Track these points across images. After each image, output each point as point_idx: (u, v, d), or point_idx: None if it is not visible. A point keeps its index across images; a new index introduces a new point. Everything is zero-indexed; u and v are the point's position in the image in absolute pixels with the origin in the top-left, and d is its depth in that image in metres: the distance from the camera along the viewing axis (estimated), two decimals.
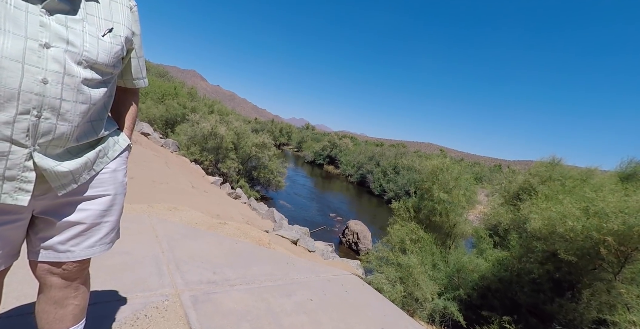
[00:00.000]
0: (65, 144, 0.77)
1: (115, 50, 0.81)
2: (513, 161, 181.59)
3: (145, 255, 2.14)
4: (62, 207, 0.83)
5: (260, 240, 3.70)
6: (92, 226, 0.88)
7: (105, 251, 0.93)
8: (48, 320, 0.92)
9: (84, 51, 0.73)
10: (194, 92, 23.63)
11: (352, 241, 11.21)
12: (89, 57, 0.74)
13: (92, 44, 0.75)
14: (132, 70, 0.97)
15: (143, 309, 1.59)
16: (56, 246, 0.84)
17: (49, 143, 0.73)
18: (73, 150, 0.82)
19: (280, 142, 51.71)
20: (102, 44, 0.77)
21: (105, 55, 0.78)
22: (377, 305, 2.53)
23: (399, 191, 20.84)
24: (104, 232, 0.91)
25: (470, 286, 4.52)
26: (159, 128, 16.97)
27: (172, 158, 10.67)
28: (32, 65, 0.66)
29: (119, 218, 0.98)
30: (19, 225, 0.79)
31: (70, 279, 0.92)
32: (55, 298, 0.91)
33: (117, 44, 0.81)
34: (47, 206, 0.82)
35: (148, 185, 5.07)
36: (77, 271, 0.92)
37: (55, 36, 0.69)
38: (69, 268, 0.89)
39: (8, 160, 0.68)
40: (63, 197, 0.82)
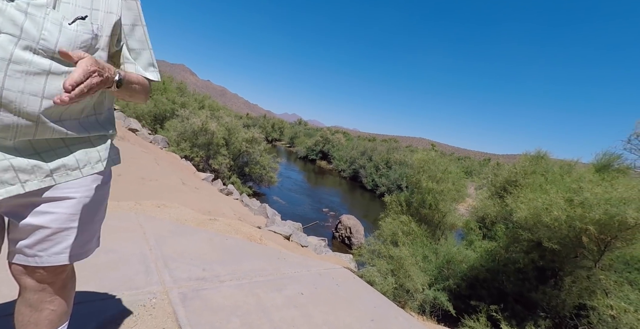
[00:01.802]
0: (17, 137, 0.71)
1: (82, 38, 0.74)
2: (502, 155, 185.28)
3: (132, 253, 2.11)
4: (23, 208, 0.78)
5: (252, 235, 3.70)
6: (59, 231, 0.82)
7: (78, 259, 0.88)
8: (23, 323, 0.89)
9: (40, 39, 0.69)
10: (183, 87, 23.19)
11: (345, 236, 11.30)
12: (47, 45, 0.70)
13: (52, 32, 0.70)
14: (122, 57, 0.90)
15: (130, 308, 1.58)
16: (24, 249, 0.80)
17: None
18: (38, 144, 0.77)
19: (273, 138, 51.42)
20: (65, 32, 0.72)
21: (67, 45, 0.72)
22: (367, 297, 2.57)
23: (391, 185, 21.04)
24: (75, 238, 0.85)
25: (460, 276, 4.63)
26: (148, 124, 16.64)
27: (162, 154, 10.51)
28: None
29: (97, 224, 0.92)
30: None
31: (45, 283, 0.87)
32: (30, 301, 0.87)
33: (85, 32, 0.75)
34: (10, 206, 0.77)
35: (136, 182, 4.99)
36: (51, 277, 0.87)
37: (9, 22, 0.65)
38: (40, 273, 0.85)
39: None
40: (24, 198, 0.76)
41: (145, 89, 0.92)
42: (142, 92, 0.91)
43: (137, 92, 0.89)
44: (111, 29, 0.80)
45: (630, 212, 2.77)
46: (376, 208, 17.62)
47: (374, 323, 2.14)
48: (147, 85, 0.92)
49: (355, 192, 22.92)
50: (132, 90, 0.85)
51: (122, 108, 16.00)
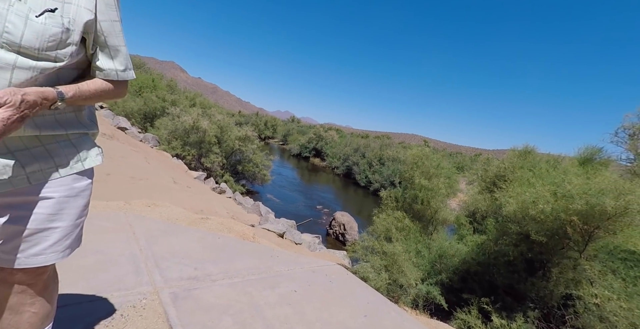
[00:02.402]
0: None
1: (50, 32, 0.71)
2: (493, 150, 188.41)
3: (121, 253, 2.08)
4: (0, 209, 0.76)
5: (244, 234, 3.68)
6: (37, 232, 0.80)
7: (58, 259, 0.86)
8: (2, 326, 0.87)
9: (4, 32, 0.66)
10: (173, 85, 22.82)
11: (339, 233, 11.36)
12: (11, 39, 0.67)
13: (17, 25, 0.67)
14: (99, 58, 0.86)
15: (119, 309, 1.55)
16: (1, 251, 0.78)
17: None
18: (12, 142, 0.74)
19: (266, 135, 51.12)
20: (31, 25, 0.68)
21: (34, 38, 0.69)
22: (360, 293, 2.59)
23: (384, 182, 21.18)
24: (55, 239, 0.83)
25: (452, 270, 4.71)
26: (137, 123, 16.35)
27: (152, 153, 10.34)
28: None
29: (76, 224, 0.89)
30: None
31: (23, 285, 0.85)
32: (9, 304, 0.85)
33: (54, 26, 0.71)
34: None
35: (126, 181, 4.90)
36: (31, 278, 0.85)
37: None
38: (18, 275, 0.83)
39: None
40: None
41: (109, 94, 0.88)
42: (107, 97, 0.88)
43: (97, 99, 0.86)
44: (84, 24, 0.76)
45: (608, 201, 2.87)
46: (370, 205, 17.73)
47: (367, 319, 2.15)
48: (110, 89, 0.88)
49: (348, 189, 23.02)
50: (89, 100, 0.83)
51: (110, 106, 15.68)
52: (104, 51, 0.84)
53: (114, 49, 0.85)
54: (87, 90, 0.81)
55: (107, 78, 0.87)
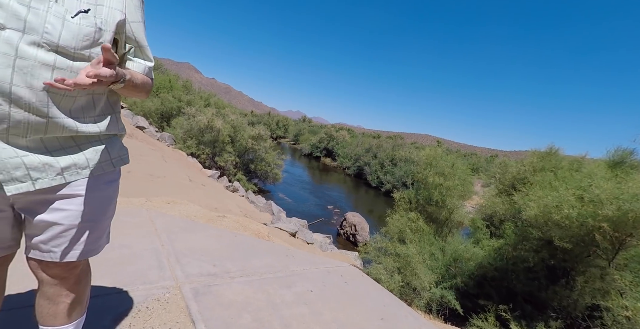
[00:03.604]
0: (29, 134, 0.72)
1: (85, 32, 0.74)
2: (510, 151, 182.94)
3: (144, 248, 2.14)
4: (37, 205, 0.80)
5: (259, 232, 3.72)
6: (71, 228, 0.83)
7: (90, 255, 0.89)
8: (42, 315, 0.92)
9: (44, 33, 0.68)
10: (189, 85, 23.28)
11: (350, 233, 11.31)
12: (50, 39, 0.69)
13: (55, 25, 0.69)
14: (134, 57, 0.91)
15: (144, 302, 1.60)
16: (39, 245, 0.82)
17: (7, 132, 0.68)
18: (49, 141, 0.77)
19: (277, 135, 51.50)
20: (68, 25, 0.71)
21: (70, 38, 0.71)
22: (376, 295, 2.57)
23: (396, 183, 20.96)
24: (87, 235, 0.87)
25: (467, 275, 4.61)
26: (155, 122, 16.77)
27: (169, 151, 10.59)
28: None
29: (107, 221, 0.93)
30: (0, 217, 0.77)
31: (59, 278, 0.89)
32: (47, 294, 0.90)
33: (88, 26, 0.74)
34: (25, 203, 0.79)
35: (145, 179, 5.04)
36: (65, 271, 0.89)
37: (13, 16, 0.65)
38: (54, 268, 0.87)
39: None
40: (37, 195, 0.78)
41: (147, 87, 0.93)
42: (145, 91, 0.92)
43: (139, 91, 0.89)
44: (116, 25, 0.80)
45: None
46: (381, 206, 17.59)
47: (383, 322, 2.14)
48: (149, 83, 0.94)
49: (359, 189, 22.91)
50: (134, 89, 0.86)
51: (129, 106, 16.15)
52: (137, 50, 0.89)
53: (144, 48, 0.90)
54: (137, 76, 0.86)
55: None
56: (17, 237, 0.86)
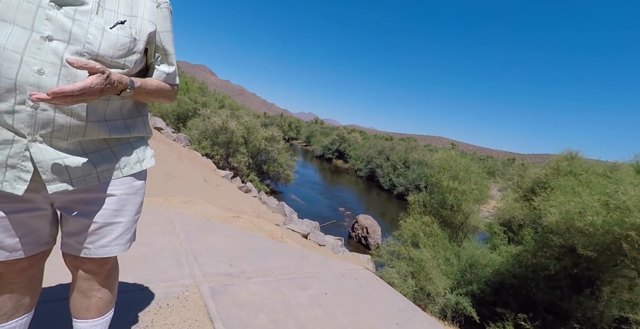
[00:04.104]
0: (70, 137, 0.77)
1: (121, 42, 0.79)
2: (528, 155, 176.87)
3: (164, 247, 2.20)
4: (74, 204, 0.85)
5: (273, 233, 3.75)
6: (104, 226, 0.88)
7: (120, 252, 0.93)
8: (76, 308, 0.98)
9: (85, 43, 0.73)
10: (204, 87, 23.80)
11: (362, 236, 11.23)
12: (91, 48, 0.74)
13: (95, 36, 0.74)
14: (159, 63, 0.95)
15: (165, 299, 1.64)
16: (75, 242, 0.88)
17: (52, 135, 0.73)
18: (86, 144, 0.82)
19: (289, 136, 51.84)
20: (107, 36, 0.76)
21: (109, 47, 0.76)
22: (391, 300, 2.54)
23: (409, 185, 20.68)
24: (118, 233, 0.91)
25: (484, 281, 4.49)
26: (171, 123, 17.21)
27: (185, 152, 10.84)
28: (30, 57, 0.67)
29: (135, 220, 0.97)
30: (39, 214, 0.82)
31: (92, 273, 0.95)
32: (81, 288, 0.96)
33: (124, 36, 0.79)
34: (63, 201, 0.84)
35: (163, 178, 5.17)
36: (98, 267, 0.94)
37: (59, 29, 0.70)
38: (87, 263, 0.93)
39: (11, 148, 0.71)
40: (74, 194, 0.83)
41: (165, 93, 0.95)
42: (163, 96, 0.95)
43: (156, 97, 0.92)
44: (147, 35, 0.85)
45: None
46: (393, 209, 17.39)
47: (399, 327, 2.11)
48: (167, 89, 0.96)
49: (371, 192, 22.73)
50: (149, 95, 0.89)
51: (148, 108, 16.63)
52: (162, 58, 0.94)
53: (170, 56, 0.95)
54: (150, 84, 0.89)
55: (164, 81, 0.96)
56: (54, 234, 0.91)
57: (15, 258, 0.83)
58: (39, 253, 0.89)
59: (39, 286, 0.98)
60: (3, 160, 0.71)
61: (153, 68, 0.93)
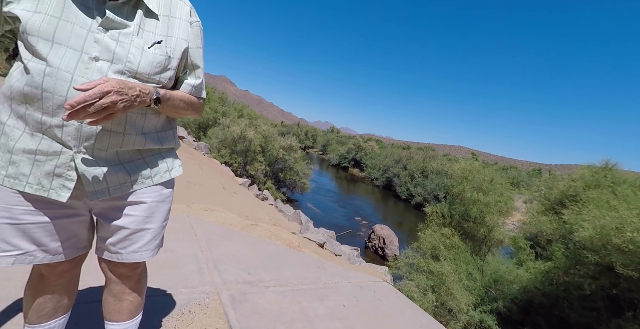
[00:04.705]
0: (109, 148, 0.82)
1: (158, 60, 0.84)
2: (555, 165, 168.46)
3: (186, 253, 2.24)
4: (109, 211, 0.90)
5: (291, 242, 3.74)
6: (136, 232, 0.92)
7: (149, 257, 0.97)
8: (109, 310, 1.02)
9: (126, 62, 0.79)
10: (224, 97, 24.60)
11: (378, 246, 10.99)
12: (131, 67, 0.80)
13: (135, 55, 0.80)
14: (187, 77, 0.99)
15: (187, 305, 1.66)
16: (109, 247, 0.93)
17: (93, 146, 0.79)
18: (122, 154, 0.87)
19: (306, 145, 52.27)
20: (145, 55, 0.82)
21: (147, 65, 0.82)
22: (412, 315, 2.45)
23: (427, 196, 20.18)
24: (148, 239, 0.95)
25: (510, 298, 4.24)
26: (192, 132, 17.83)
27: (205, 160, 11.14)
28: (79, 75, 0.74)
29: (163, 227, 1.00)
30: (78, 220, 0.88)
31: (124, 277, 0.99)
32: (114, 291, 1.00)
33: (160, 54, 0.85)
34: (100, 208, 0.90)
35: (184, 185, 5.32)
36: (130, 271, 0.99)
37: (105, 50, 0.77)
38: (120, 268, 0.97)
39: (59, 159, 0.77)
40: (110, 201, 0.88)
41: (192, 106, 0.98)
42: (188, 109, 0.98)
43: (182, 109, 0.95)
44: (182, 52, 0.90)
45: None
46: (411, 219, 16.96)
47: None
48: (194, 102, 0.99)
49: (388, 201, 22.33)
50: (175, 107, 0.92)
51: None
52: (190, 71, 0.99)
53: (197, 69, 0.99)
54: (176, 94, 0.93)
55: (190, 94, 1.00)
56: (90, 239, 0.97)
57: (58, 260, 0.88)
58: (77, 257, 0.95)
59: (76, 288, 1.03)
60: (51, 170, 0.77)
61: (181, 82, 0.98)
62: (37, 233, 0.82)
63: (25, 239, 0.81)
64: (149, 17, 0.85)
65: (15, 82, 0.75)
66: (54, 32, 0.72)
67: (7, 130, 0.77)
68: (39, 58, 0.72)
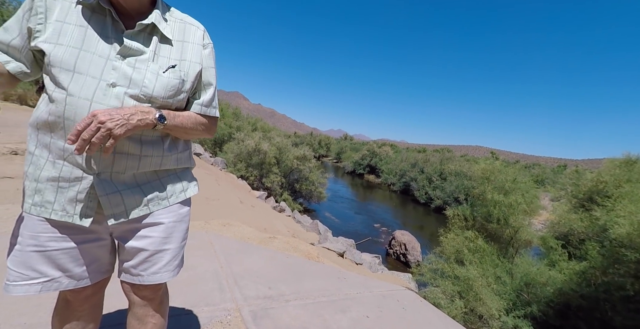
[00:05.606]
0: (127, 171, 0.84)
1: (172, 84, 0.87)
2: (582, 160, 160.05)
3: (206, 270, 2.28)
4: (129, 233, 0.92)
5: (309, 253, 3.72)
6: (155, 253, 0.93)
7: (170, 278, 0.97)
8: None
9: (142, 86, 0.82)
10: (238, 112, 25.25)
11: (400, 253, 10.72)
12: (146, 91, 0.83)
13: (151, 80, 0.83)
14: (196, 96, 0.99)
15: (209, 324, 1.68)
16: (130, 269, 0.93)
17: (112, 171, 0.82)
18: (139, 177, 0.89)
19: (320, 154, 52.44)
20: (160, 79, 0.85)
21: (161, 89, 0.85)
22: (439, 324, 2.36)
23: (447, 198, 19.63)
24: (167, 259, 0.95)
25: (544, 302, 4.00)
26: (209, 148, 18.34)
27: (221, 175, 11.39)
28: (98, 102, 0.77)
29: (182, 246, 1.00)
30: (101, 244, 0.90)
31: (147, 299, 0.99)
32: (137, 315, 1.00)
33: (175, 78, 0.87)
34: (120, 231, 0.91)
35: (202, 202, 5.45)
36: (152, 293, 0.99)
37: (122, 76, 0.80)
38: (142, 290, 0.97)
39: (81, 184, 0.80)
40: (129, 224, 0.90)
41: (201, 125, 0.97)
42: (198, 129, 0.96)
43: (191, 129, 0.94)
44: (195, 75, 0.93)
45: None
46: (432, 223, 16.49)
47: None
48: (203, 122, 0.98)
49: (407, 206, 21.87)
50: (183, 127, 0.91)
51: None
52: (200, 90, 0.99)
53: (208, 88, 1.00)
54: (183, 114, 0.92)
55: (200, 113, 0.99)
56: (113, 262, 0.99)
57: (82, 285, 0.89)
58: (100, 281, 0.97)
59: (100, 313, 1.05)
60: (73, 196, 0.80)
61: (191, 103, 0.98)
62: (62, 259, 0.84)
63: (51, 265, 0.83)
64: (164, 43, 0.88)
65: (40, 113, 0.79)
66: (75, 63, 0.76)
67: (34, 159, 0.81)
68: (61, 88, 0.76)
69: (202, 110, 0.98)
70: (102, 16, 0.82)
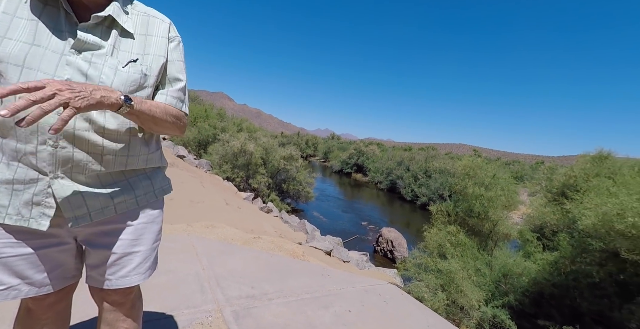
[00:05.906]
0: (88, 171, 0.80)
1: (132, 78, 0.83)
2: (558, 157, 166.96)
3: (187, 273, 2.27)
4: (94, 237, 0.88)
5: (294, 252, 3.75)
6: (123, 256, 0.89)
7: (141, 281, 0.93)
8: None
9: (99, 82, 0.78)
10: (222, 113, 24.85)
11: (387, 250, 10.91)
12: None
13: (109, 75, 0.79)
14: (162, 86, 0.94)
15: (189, 326, 1.68)
16: (97, 273, 0.90)
17: (71, 171, 0.77)
18: (104, 177, 0.85)
19: (307, 154, 52.38)
20: (119, 74, 0.81)
21: (120, 84, 0.81)
22: (419, 315, 2.45)
23: (432, 195, 20.08)
24: (137, 262, 0.92)
25: (520, 292, 4.19)
26: (193, 150, 18.00)
27: (206, 177, 11.22)
28: None
29: (154, 248, 0.97)
30: (63, 249, 0.85)
31: (116, 304, 0.96)
32: (107, 320, 0.97)
33: (135, 73, 0.84)
34: (85, 235, 0.87)
35: (186, 205, 5.38)
36: (122, 297, 0.96)
37: (77, 72, 0.76)
38: (112, 295, 0.94)
39: (36, 186, 0.76)
40: (94, 226, 0.86)
41: (171, 115, 0.90)
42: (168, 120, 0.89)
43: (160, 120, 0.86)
44: (159, 68, 0.89)
45: None
46: (418, 220, 16.83)
47: None
48: (172, 111, 0.91)
49: (394, 204, 22.21)
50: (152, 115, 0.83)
51: (170, 137, 17.59)
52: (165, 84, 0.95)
53: (175, 83, 0.95)
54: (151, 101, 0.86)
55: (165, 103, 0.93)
56: (79, 267, 0.94)
57: (44, 293, 0.84)
58: (66, 287, 0.92)
59: (68, 320, 1.01)
60: (29, 198, 0.76)
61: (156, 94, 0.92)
62: (20, 266, 0.79)
63: (8, 273, 0.78)
64: (124, 36, 0.84)
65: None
66: (24, 58, 0.71)
67: None
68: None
69: (167, 100, 0.92)
70: (55, 9, 0.77)
